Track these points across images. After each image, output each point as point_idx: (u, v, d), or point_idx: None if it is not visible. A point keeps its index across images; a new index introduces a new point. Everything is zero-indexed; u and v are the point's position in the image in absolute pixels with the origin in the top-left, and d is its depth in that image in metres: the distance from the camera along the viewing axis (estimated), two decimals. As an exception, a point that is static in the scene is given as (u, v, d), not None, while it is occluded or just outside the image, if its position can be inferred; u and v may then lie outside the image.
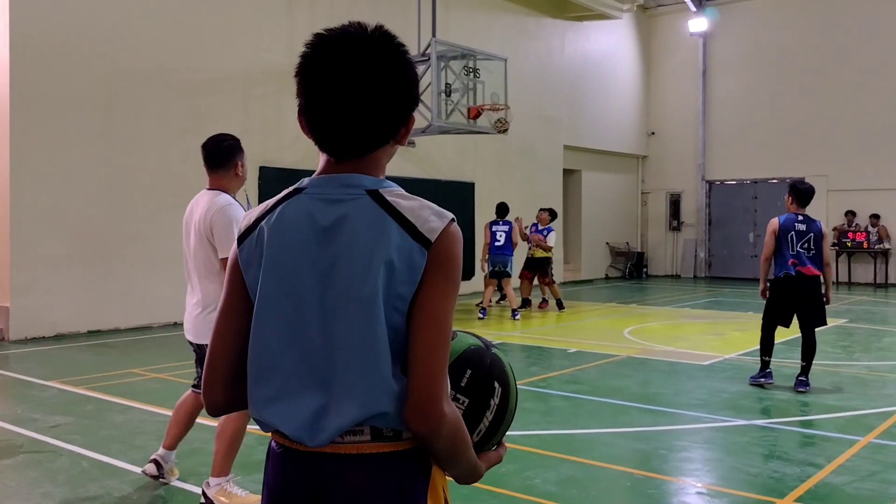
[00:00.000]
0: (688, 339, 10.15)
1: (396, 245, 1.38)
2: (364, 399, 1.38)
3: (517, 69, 15.97)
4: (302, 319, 1.43)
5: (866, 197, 18.29)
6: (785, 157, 19.52)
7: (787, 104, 19.47)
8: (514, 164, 17.41)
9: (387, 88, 1.43)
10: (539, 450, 5.02)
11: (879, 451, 5.02)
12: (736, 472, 4.71)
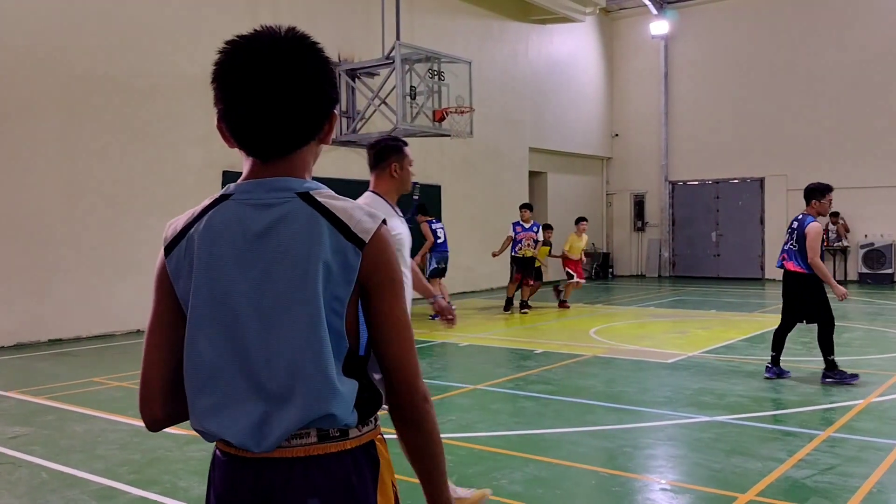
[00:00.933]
0: (652, 337, 10.27)
1: (331, 246, 1.39)
2: (308, 402, 1.39)
3: (482, 72, 16.04)
4: (238, 327, 1.41)
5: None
6: (745, 158, 19.86)
7: (747, 106, 19.81)
8: (480, 166, 17.47)
9: (303, 87, 1.43)
10: (506, 450, 5.04)
11: (839, 445, 5.12)
12: (699, 468, 4.77)
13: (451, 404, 6.45)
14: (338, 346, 1.41)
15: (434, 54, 13.42)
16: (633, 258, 22.10)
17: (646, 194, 21.80)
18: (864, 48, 18.21)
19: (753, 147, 19.71)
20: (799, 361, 8.26)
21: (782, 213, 19.47)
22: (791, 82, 19.15)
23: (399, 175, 3.96)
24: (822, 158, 18.73)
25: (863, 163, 18.22)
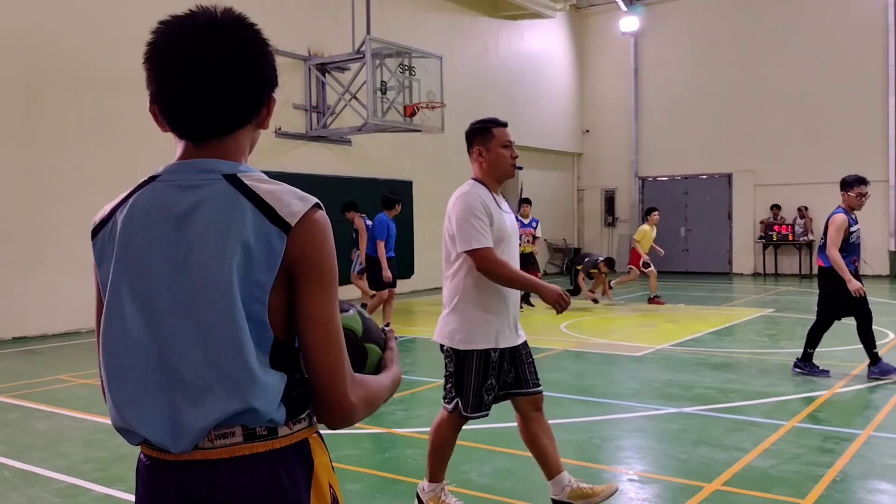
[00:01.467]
0: (622, 331, 10.35)
1: (253, 229, 1.31)
2: (225, 395, 1.29)
3: (453, 67, 16.03)
4: (156, 314, 1.33)
5: (791, 191, 18.96)
6: (714, 154, 20.09)
7: (715, 102, 20.03)
8: (451, 162, 17.45)
9: (237, 67, 1.37)
10: (475, 443, 5.04)
11: (803, 435, 5.20)
12: (666, 458, 4.82)
13: (421, 399, 6.45)
14: (260, 335, 1.32)
15: (405, 49, 13.39)
16: (604, 253, 22.22)
17: (616, 190, 21.96)
18: (830, 45, 18.50)
19: (721, 143, 19.94)
20: (764, 353, 8.38)
21: (749, 208, 19.74)
22: (758, 78, 19.40)
23: (486, 158, 3.62)
24: (788, 154, 19.02)
25: (828, 158, 18.51)
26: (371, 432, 5.38)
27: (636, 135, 21.37)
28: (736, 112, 19.76)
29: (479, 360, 3.57)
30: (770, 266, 19.45)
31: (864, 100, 18.10)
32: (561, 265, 21.36)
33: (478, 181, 3.64)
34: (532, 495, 4.11)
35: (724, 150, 19.90)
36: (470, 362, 3.56)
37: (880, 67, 17.91)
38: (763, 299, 14.01)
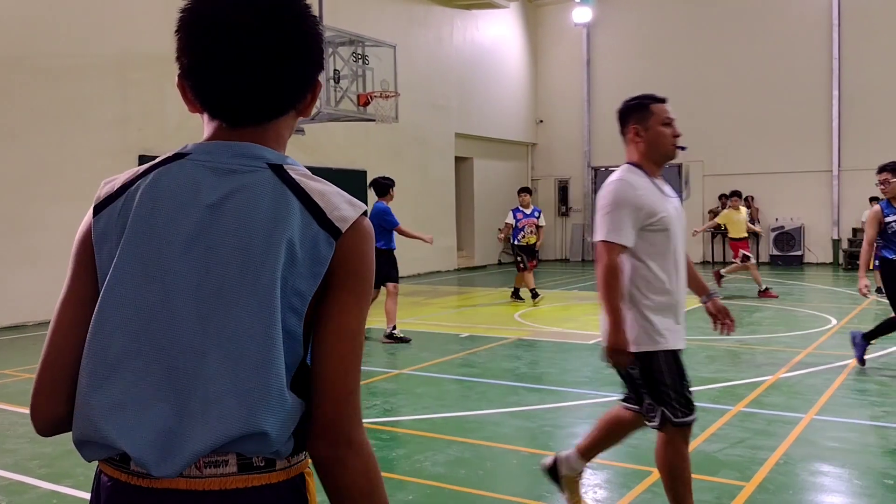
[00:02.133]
0: (575, 319, 10.48)
1: (299, 230, 1.16)
2: (239, 413, 1.11)
3: (407, 57, 15.96)
4: (165, 312, 1.16)
5: (739, 181, 19.35)
6: (665, 144, 20.37)
7: (665, 93, 19.80)
8: (406, 151, 17.42)
9: (291, 45, 1.21)
10: (429, 433, 5.08)
11: (748, 419, 5.34)
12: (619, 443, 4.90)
13: (375, 389, 6.45)
14: (291, 351, 1.17)
15: (358, 37, 13.29)
16: (557, 243, 22.47)
17: (569, 180, 22.17)
18: (777, 38, 18.92)
19: (672, 134, 20.22)
20: (713, 340, 8.57)
21: (699, 197, 20.13)
22: (707, 70, 19.76)
23: (644, 138, 3.26)
24: (736, 145, 19.43)
25: (775, 149, 18.99)
26: (325, 423, 5.36)
27: (589, 125, 21.59)
28: (685, 103, 20.03)
29: (669, 358, 3.26)
30: (718, 254, 19.89)
31: (809, 91, 18.57)
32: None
33: (634, 165, 3.25)
34: (486, 483, 4.15)
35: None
36: (660, 363, 3.23)
37: (825, 60, 18.38)
38: (711, 287, 14.28)
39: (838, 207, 18.43)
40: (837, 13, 18.17)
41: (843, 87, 18.19)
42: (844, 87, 18.18)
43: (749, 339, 8.61)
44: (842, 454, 4.63)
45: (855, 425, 5.23)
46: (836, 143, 18.30)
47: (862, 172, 17.90)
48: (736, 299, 12.23)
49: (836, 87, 18.24)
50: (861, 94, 18.00)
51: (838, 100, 18.23)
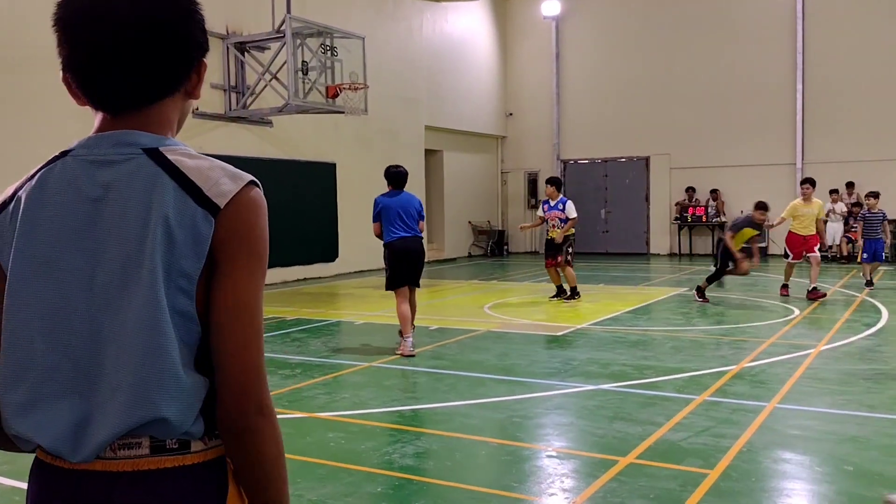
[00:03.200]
0: (544, 311, 10.54)
1: (175, 211, 1.17)
2: (138, 400, 1.15)
3: (376, 49, 15.89)
4: (66, 307, 1.19)
5: (705, 174, 19.62)
6: (632, 137, 20.57)
7: (633, 87, 20.49)
8: (375, 144, 17.35)
9: (163, 27, 1.22)
10: (398, 425, 5.08)
11: (713, 409, 5.43)
12: (584, 434, 4.96)
13: (344, 382, 6.43)
14: (188, 331, 1.18)
15: (326, 29, 13.20)
16: (527, 235, 22.55)
17: (539, 172, 22.25)
18: (743, 33, 19.14)
19: (639, 127, 20.44)
20: (678, 331, 8.69)
21: (665, 190, 20.35)
22: (675, 64, 19.94)
23: None
24: (702, 138, 19.65)
25: (739, 143, 19.24)
26: (292, 417, 5.34)
27: (558, 118, 21.69)
28: (653, 97, 20.27)
29: None
30: (685, 246, 20.13)
31: (774, 85, 18.83)
32: (486, 247, 21.56)
33: None
34: (454, 475, 4.17)
35: (642, 133, 20.41)
36: None
37: (789, 54, 18.65)
38: (678, 279, 14.49)
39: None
40: (802, 8, 18.44)
41: (807, 81, 18.48)
42: (808, 81, 18.47)
43: (713, 330, 8.74)
44: (803, 442, 4.73)
45: (816, 413, 5.34)
46: (800, 136, 18.59)
47: (825, 165, 18.23)
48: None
49: (801, 82, 18.52)
50: (824, 88, 18.30)
51: (802, 94, 18.52)
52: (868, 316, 9.36)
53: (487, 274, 16.27)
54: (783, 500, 3.83)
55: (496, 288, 13.65)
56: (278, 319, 9.85)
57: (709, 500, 3.74)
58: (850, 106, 18.04)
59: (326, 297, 12.83)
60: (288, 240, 14.75)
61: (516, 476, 4.24)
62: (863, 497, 3.82)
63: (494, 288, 13.64)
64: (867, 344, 7.68)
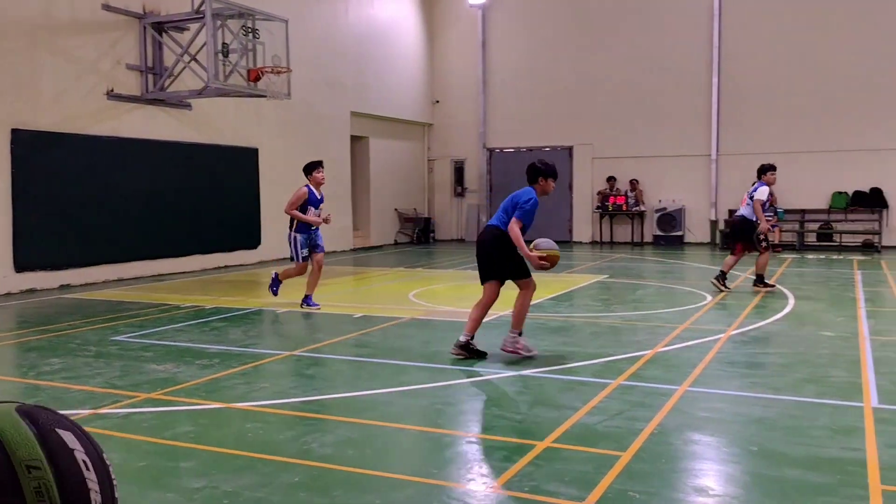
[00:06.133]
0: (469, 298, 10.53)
1: None
2: None
3: (300, 32, 15.62)
4: None
5: (626, 164, 20.09)
6: (556, 127, 20.88)
7: (558, 77, 20.78)
8: (300, 129, 17.09)
9: None
10: (318, 414, 5.04)
11: (627, 392, 5.58)
12: (503, 419, 5.03)
13: (264, 371, 6.34)
14: None
15: (248, 10, 12.91)
16: (453, 223, 22.66)
17: (465, 160, 22.36)
18: (662, 27, 19.62)
19: (563, 116, 20.76)
20: (598, 317, 8.89)
21: (588, 179, 20.75)
22: (597, 56, 20.30)
23: None
24: (623, 129, 20.11)
25: (659, 134, 19.76)
26: (210, 407, 5.24)
27: (484, 107, 21.81)
28: (577, 87, 20.60)
29: None
30: (606, 234, 20.59)
31: (691, 80, 19.40)
32: (412, 234, 21.55)
33: None
34: (374, 463, 4.16)
35: (566, 123, 20.74)
36: None
37: (706, 50, 19.23)
38: (599, 266, 14.82)
39: (716, 190, 19.40)
40: (718, 5, 19.02)
41: (723, 76, 19.10)
42: (723, 76, 19.09)
43: (631, 316, 8.97)
44: (712, 423, 4.91)
45: (725, 396, 5.55)
46: (715, 129, 19.22)
47: (738, 157, 18.92)
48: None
49: (716, 76, 19.14)
50: (738, 83, 18.96)
51: (717, 88, 19.14)
52: (775, 302, 9.78)
53: (414, 261, 16.28)
54: (692, 480, 3.98)
55: (422, 275, 13.67)
56: (196, 308, 9.63)
57: (621, 481, 3.85)
58: (762, 101, 18.76)
59: (248, 284, 12.60)
60: (207, 226, 14.41)
61: (436, 463, 4.27)
62: (767, 476, 4.00)
63: (420, 275, 13.66)
64: (774, 329, 8.03)
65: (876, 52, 17.67)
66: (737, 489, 3.84)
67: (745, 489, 3.84)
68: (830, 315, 8.84)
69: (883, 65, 17.63)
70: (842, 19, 17.98)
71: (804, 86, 18.35)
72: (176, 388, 5.71)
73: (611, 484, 3.81)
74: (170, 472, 4.01)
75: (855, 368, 6.20)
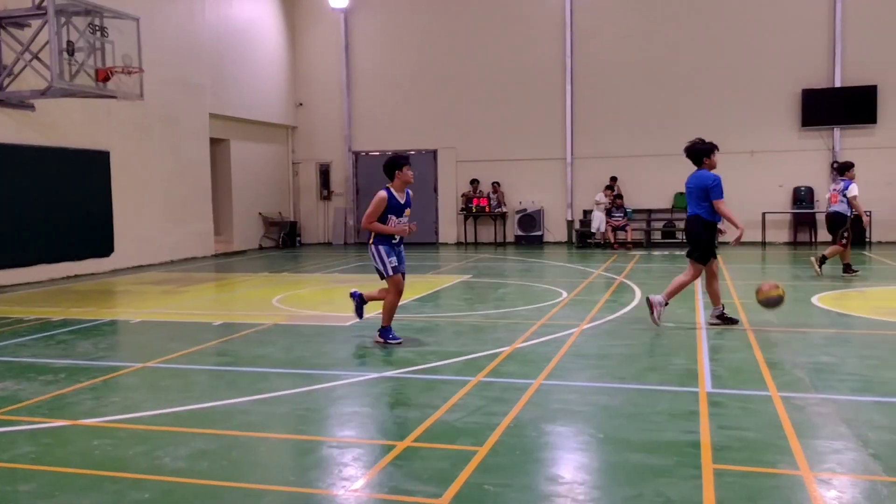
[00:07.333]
0: (333, 302, 10.57)
1: None
2: None
3: (153, 31, 15.02)
4: None
5: (488, 167, 20.62)
6: (421, 130, 21.13)
7: (421, 81, 21.04)
8: (156, 131, 16.40)
9: None
10: (172, 427, 4.88)
11: (486, 388, 5.76)
12: (365, 422, 5.07)
13: (115, 385, 6.06)
14: None
15: (95, 8, 12.29)
16: (319, 226, 22.45)
17: (331, 164, 22.20)
18: (520, 36, 20.29)
19: (428, 120, 21.05)
20: (461, 316, 9.09)
21: (452, 182, 21.14)
22: (459, 61, 20.73)
23: None
24: (485, 133, 20.64)
25: (518, 138, 20.45)
26: (53, 426, 4.95)
27: (349, 110, 21.74)
28: (440, 92, 20.95)
29: None
30: (471, 235, 21.05)
31: (547, 85, 20.18)
32: (277, 238, 21.15)
33: None
34: (231, 474, 4.09)
35: (431, 127, 21.04)
36: None
37: (559, 59, 20.06)
38: (463, 266, 15.13)
39: (571, 191, 20.29)
40: (570, 18, 19.89)
41: (575, 83, 20.00)
42: (576, 83, 19.99)
43: (492, 314, 9.23)
44: (564, 414, 5.16)
45: (576, 387, 5.84)
46: (570, 133, 20.10)
47: (591, 160, 19.93)
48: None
49: (569, 83, 20.01)
50: (590, 90, 19.92)
51: (571, 95, 20.02)
52: (624, 296, 10.36)
53: (279, 266, 15.99)
54: (544, 469, 4.16)
55: (287, 280, 13.46)
56: (41, 321, 9.06)
57: (477, 475, 3.98)
58: (612, 107, 19.81)
59: (100, 294, 11.96)
60: (54, 234, 13.57)
61: (295, 470, 4.25)
62: (611, 462, 4.25)
63: (285, 280, 13.45)
64: (622, 322, 8.51)
65: (713, 65, 19.07)
66: (585, 475, 4.06)
67: (592, 475, 4.07)
68: (672, 307, 9.46)
69: (719, 76, 19.05)
70: (684, 34, 19.28)
71: (650, 94, 19.53)
72: (16, 406, 5.37)
73: (467, 479, 3.93)
74: (8, 498, 3.78)
75: (692, 356, 6.69)
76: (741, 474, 3.95)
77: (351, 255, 18.58)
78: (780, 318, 8.31)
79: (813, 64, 18.55)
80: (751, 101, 18.92)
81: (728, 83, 19.01)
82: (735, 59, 18.95)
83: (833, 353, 6.96)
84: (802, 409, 5.10)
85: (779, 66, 18.71)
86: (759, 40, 18.80)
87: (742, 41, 18.91)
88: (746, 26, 18.89)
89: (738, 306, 9.27)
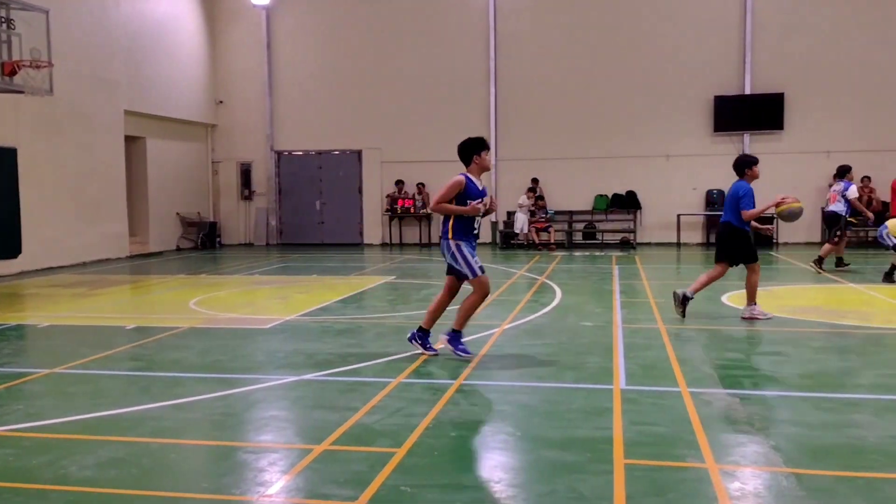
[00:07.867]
0: (253, 304, 10.40)
1: None
2: None
3: (64, 24, 14.46)
4: None
5: (413, 168, 20.63)
6: (345, 131, 20.99)
7: (345, 81, 20.90)
8: (66, 128, 15.77)
9: None
10: (79, 435, 4.71)
11: (406, 390, 5.76)
12: (283, 426, 5.00)
13: (19, 392, 5.80)
14: None
15: (0, -2, 11.74)
16: (241, 227, 22.01)
17: (252, 163, 21.80)
18: (445, 37, 20.39)
19: (352, 120, 20.92)
20: (384, 318, 9.07)
21: (377, 183, 21.06)
22: (384, 62, 20.68)
23: None
24: (410, 134, 20.64)
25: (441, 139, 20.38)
26: (-49, 437, 4.71)
27: (271, 108, 21.40)
28: (365, 92, 20.84)
29: None
30: (396, 236, 21.03)
31: (471, 87, 20.32)
32: (196, 239, 20.64)
33: None
34: (141, 482, 3.97)
35: (355, 127, 20.91)
36: None
37: (483, 60, 20.24)
38: (388, 267, 15.10)
39: (495, 193, 20.49)
40: (494, 21, 20.11)
41: (499, 85, 20.22)
42: (500, 86, 20.22)
43: (415, 315, 9.21)
44: (482, 413, 5.22)
45: (496, 387, 5.91)
46: (494, 135, 20.30)
47: (515, 162, 20.17)
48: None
49: (493, 85, 20.22)
50: (513, 93, 20.16)
51: (495, 97, 20.24)
52: (545, 297, 10.54)
53: (197, 267, 15.61)
54: (461, 469, 4.20)
55: (205, 282, 13.16)
56: (-60, 327, 8.59)
57: (394, 477, 3.98)
58: (535, 111, 20.12)
59: (5, 297, 11.43)
60: (-45, 235, 12.87)
61: (209, 476, 4.16)
62: (527, 459, 4.32)
63: (203, 282, 13.14)
64: (542, 321, 8.65)
65: (631, 72, 19.61)
66: (501, 474, 4.11)
67: (508, 473, 4.13)
68: (591, 306, 9.69)
69: (636, 83, 19.59)
70: (605, 42, 19.74)
71: (571, 98, 19.92)
72: None
73: (385, 480, 3.92)
74: None
75: (608, 354, 6.86)
76: (651, 468, 4.08)
77: (273, 255, 18.29)
78: (691, 317, 8.60)
79: (724, 72, 19.29)
80: (666, 108, 19.53)
81: (645, 90, 19.58)
82: (651, 67, 19.52)
83: (740, 350, 7.26)
84: (710, 404, 5.30)
85: (692, 74, 19.38)
86: (673, 49, 19.43)
87: (658, 50, 19.51)
88: (662, 36, 19.50)
89: (654, 306, 9.56)
